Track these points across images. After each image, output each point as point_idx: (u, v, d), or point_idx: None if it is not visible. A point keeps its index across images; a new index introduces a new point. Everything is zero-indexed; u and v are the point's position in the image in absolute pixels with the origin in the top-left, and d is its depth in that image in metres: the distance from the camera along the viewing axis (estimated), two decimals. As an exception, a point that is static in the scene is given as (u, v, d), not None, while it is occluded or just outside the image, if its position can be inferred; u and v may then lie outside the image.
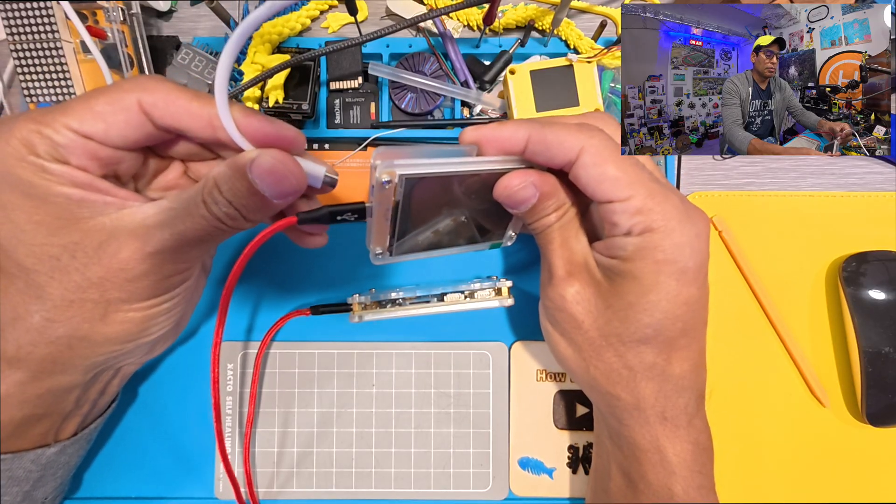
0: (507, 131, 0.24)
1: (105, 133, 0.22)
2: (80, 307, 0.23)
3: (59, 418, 0.27)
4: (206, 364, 0.35)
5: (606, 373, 0.27)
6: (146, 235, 0.22)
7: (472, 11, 0.37)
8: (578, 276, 0.26)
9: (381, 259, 0.27)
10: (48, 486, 0.28)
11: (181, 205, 0.22)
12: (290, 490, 0.34)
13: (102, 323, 0.24)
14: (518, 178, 0.25)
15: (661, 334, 0.25)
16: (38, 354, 0.24)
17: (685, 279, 0.24)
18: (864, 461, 0.35)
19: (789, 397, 0.36)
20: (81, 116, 0.22)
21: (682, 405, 0.26)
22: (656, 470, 0.26)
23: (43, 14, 0.31)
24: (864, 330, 0.34)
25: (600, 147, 0.24)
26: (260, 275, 0.35)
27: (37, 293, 0.23)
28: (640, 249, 0.24)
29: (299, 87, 0.35)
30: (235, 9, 0.35)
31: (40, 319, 0.23)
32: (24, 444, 0.26)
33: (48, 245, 0.22)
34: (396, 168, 0.22)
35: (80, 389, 0.26)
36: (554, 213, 0.26)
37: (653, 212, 0.23)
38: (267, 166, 0.22)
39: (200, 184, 0.22)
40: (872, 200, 0.37)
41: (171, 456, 0.34)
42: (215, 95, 0.21)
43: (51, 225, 0.22)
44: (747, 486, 0.35)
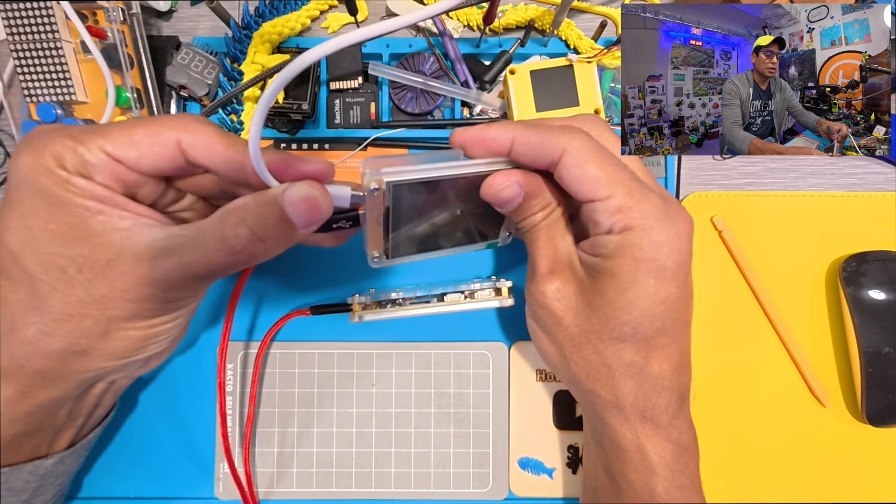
0: (493, 132, 0.25)
1: (136, 160, 0.23)
2: (79, 322, 0.23)
3: (51, 433, 0.27)
4: (205, 364, 0.35)
5: (586, 370, 0.27)
6: (153, 260, 0.22)
7: (472, 11, 0.37)
8: (560, 274, 0.27)
9: (378, 263, 0.27)
10: (47, 493, 0.28)
11: (192, 234, 0.22)
12: (290, 490, 0.34)
13: (101, 339, 0.23)
14: (502, 177, 0.25)
15: (638, 332, 0.25)
16: (30, 368, 0.23)
17: (663, 277, 0.24)
18: (864, 461, 0.35)
19: (789, 397, 0.36)
20: (117, 141, 0.23)
21: (663, 405, 0.26)
22: (637, 469, 0.26)
23: (43, 14, 0.31)
24: (864, 330, 0.34)
25: (582, 148, 0.24)
26: (260, 275, 0.35)
27: (37, 304, 0.22)
28: (619, 247, 0.24)
29: (299, 87, 0.35)
30: (235, 9, 0.35)
31: (36, 332, 0.23)
32: (18, 457, 0.26)
33: (57, 255, 0.22)
34: (384, 176, 0.23)
35: (71, 403, 0.26)
36: (540, 213, 0.27)
37: (632, 210, 0.24)
38: (301, 195, 0.22)
39: (216, 216, 0.22)
40: (872, 200, 0.37)
41: (171, 456, 0.34)
42: (250, 148, 0.21)
43: (64, 235, 0.22)
44: (747, 485, 0.35)
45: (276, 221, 0.22)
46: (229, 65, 0.34)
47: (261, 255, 0.23)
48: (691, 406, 0.28)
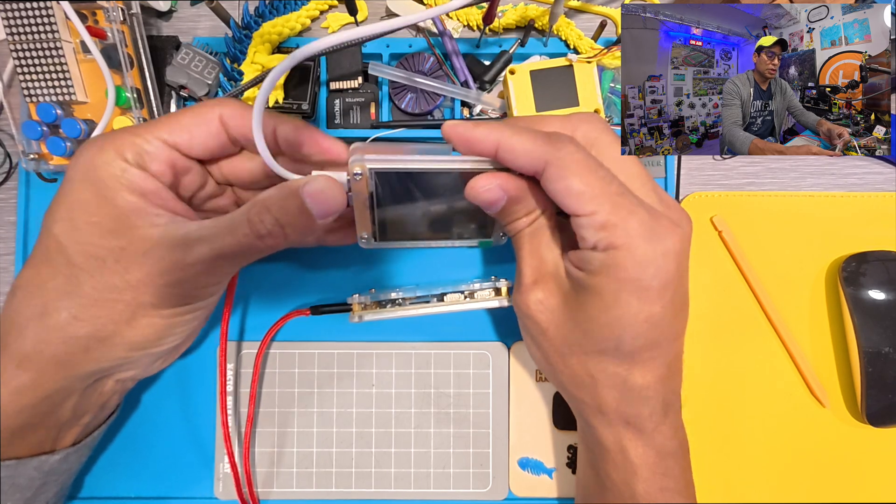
0: (479, 133, 0.24)
1: (189, 143, 0.26)
2: (110, 307, 0.24)
3: (55, 429, 0.27)
4: (204, 365, 0.35)
5: (571, 377, 0.27)
6: (187, 247, 0.24)
7: (471, 11, 0.37)
8: (544, 285, 0.27)
9: (366, 243, 0.29)
10: (49, 492, 0.28)
11: (224, 223, 0.25)
12: (290, 490, 0.34)
13: (127, 325, 0.25)
14: (485, 180, 0.25)
15: (621, 349, 0.25)
16: (49, 353, 0.25)
17: (647, 297, 0.24)
18: (863, 461, 0.35)
19: (789, 397, 0.35)
20: (171, 128, 0.25)
21: (647, 413, 0.26)
22: (619, 469, 0.26)
23: (43, 14, 0.31)
24: (864, 330, 0.34)
25: (566, 160, 0.23)
26: (260, 275, 0.35)
27: (71, 289, 0.24)
28: (604, 266, 0.24)
29: (299, 87, 0.35)
30: (235, 9, 0.35)
31: (67, 316, 0.24)
32: (21, 450, 0.26)
33: (97, 246, 0.24)
34: (367, 162, 0.24)
35: (76, 397, 0.27)
36: (525, 218, 0.26)
37: (616, 228, 0.23)
38: (318, 188, 0.24)
39: (245, 206, 0.25)
40: (872, 200, 0.37)
41: (171, 456, 0.34)
42: (256, 143, 0.23)
43: (105, 227, 0.24)
44: (747, 485, 0.35)
45: (296, 211, 0.24)
46: (229, 65, 0.34)
47: (282, 241, 0.25)
48: (690, 407, 0.28)
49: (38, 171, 0.34)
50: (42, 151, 0.33)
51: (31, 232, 0.35)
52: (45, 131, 0.32)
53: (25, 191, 0.35)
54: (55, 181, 0.34)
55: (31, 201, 0.35)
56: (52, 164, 0.33)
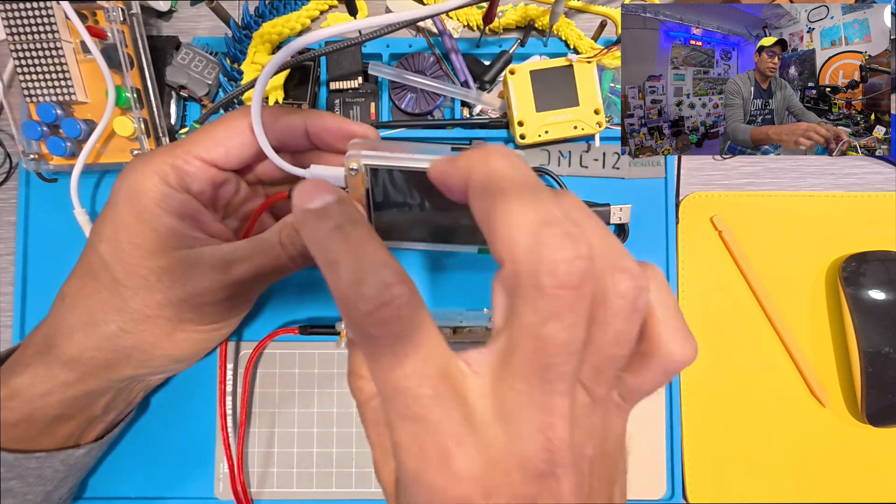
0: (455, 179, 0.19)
1: (225, 157, 0.26)
2: (154, 323, 0.26)
3: (85, 422, 0.28)
4: (204, 364, 0.35)
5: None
6: (227, 268, 0.26)
7: (471, 11, 0.37)
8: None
9: None
10: (67, 486, 0.29)
11: (259, 244, 0.26)
12: (289, 490, 0.34)
13: (168, 339, 0.26)
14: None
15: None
16: (99, 359, 0.26)
17: None
18: (864, 461, 0.35)
19: (789, 397, 0.35)
20: (206, 145, 0.26)
21: None
22: None
23: (43, 14, 0.31)
24: (864, 330, 0.34)
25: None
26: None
27: (119, 305, 0.25)
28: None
29: (299, 87, 0.35)
30: (235, 9, 0.35)
31: (116, 329, 0.26)
32: (49, 443, 0.27)
33: (140, 266, 0.25)
34: (363, 158, 0.24)
35: (111, 395, 0.28)
36: None
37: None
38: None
39: (276, 227, 0.26)
40: (872, 200, 0.37)
41: (171, 456, 0.34)
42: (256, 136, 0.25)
43: (146, 248, 0.25)
44: (747, 485, 0.35)
45: None
46: (229, 65, 0.34)
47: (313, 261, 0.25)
48: (691, 407, 0.27)
49: (38, 172, 0.34)
50: (42, 151, 0.33)
51: (31, 232, 0.35)
52: (45, 131, 0.32)
53: (25, 191, 0.35)
54: (55, 181, 0.34)
55: (31, 201, 0.35)
56: (52, 165, 0.33)
